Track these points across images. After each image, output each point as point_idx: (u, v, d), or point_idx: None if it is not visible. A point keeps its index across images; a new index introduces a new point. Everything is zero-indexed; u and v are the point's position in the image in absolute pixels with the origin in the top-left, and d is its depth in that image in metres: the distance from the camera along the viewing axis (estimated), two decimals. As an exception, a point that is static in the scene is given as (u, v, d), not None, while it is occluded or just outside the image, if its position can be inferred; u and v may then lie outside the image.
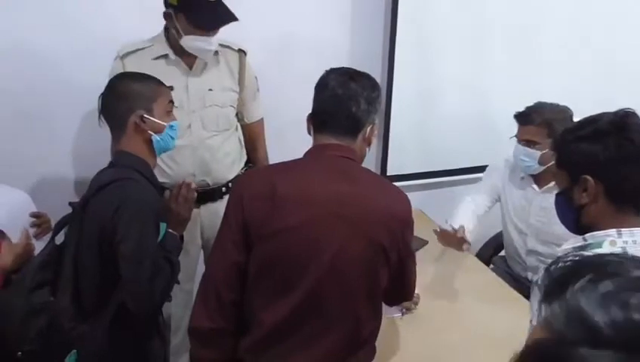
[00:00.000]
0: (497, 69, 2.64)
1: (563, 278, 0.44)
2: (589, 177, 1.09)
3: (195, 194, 1.59)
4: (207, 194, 1.96)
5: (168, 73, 1.82)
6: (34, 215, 1.71)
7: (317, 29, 2.34)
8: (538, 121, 1.91)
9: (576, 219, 1.16)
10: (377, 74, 2.51)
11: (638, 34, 2.78)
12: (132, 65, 1.81)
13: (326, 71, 1.34)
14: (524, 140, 1.96)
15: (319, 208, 1.21)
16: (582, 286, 0.41)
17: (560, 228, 1.28)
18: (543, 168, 1.98)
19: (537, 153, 1.93)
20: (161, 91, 1.49)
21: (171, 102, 1.51)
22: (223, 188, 2.00)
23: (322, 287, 1.21)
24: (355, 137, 1.30)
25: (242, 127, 2.09)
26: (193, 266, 2.05)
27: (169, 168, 1.89)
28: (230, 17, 1.74)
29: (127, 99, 1.42)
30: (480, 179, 2.33)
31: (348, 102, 1.27)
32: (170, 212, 1.52)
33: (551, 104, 1.95)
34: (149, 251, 1.32)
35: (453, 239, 1.94)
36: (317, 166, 1.30)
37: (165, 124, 1.47)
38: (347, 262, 1.21)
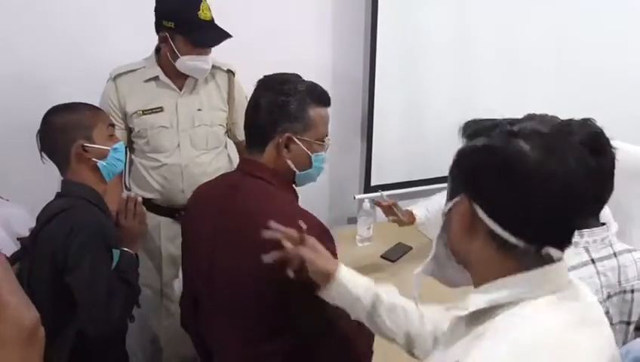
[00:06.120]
0: (481, 78, 2.69)
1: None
2: None
3: (144, 208, 1.59)
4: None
5: (159, 94, 1.91)
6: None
7: (297, 43, 2.37)
8: None
9: None
10: (359, 87, 2.60)
11: (622, 42, 2.85)
12: (123, 87, 1.90)
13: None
14: None
15: (204, 224, 1.25)
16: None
17: None
18: None
19: None
20: (99, 117, 1.48)
21: (112, 125, 1.52)
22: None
23: (210, 296, 1.28)
24: (263, 149, 1.21)
25: (235, 144, 2.16)
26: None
27: (159, 185, 1.97)
28: (226, 35, 1.81)
29: (65, 131, 1.41)
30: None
31: (250, 111, 1.23)
32: (122, 229, 1.52)
33: (540, 115, 1.95)
34: (102, 276, 1.34)
35: (383, 209, 2.04)
36: (223, 180, 1.33)
37: (108, 148, 1.46)
38: (221, 277, 1.22)
